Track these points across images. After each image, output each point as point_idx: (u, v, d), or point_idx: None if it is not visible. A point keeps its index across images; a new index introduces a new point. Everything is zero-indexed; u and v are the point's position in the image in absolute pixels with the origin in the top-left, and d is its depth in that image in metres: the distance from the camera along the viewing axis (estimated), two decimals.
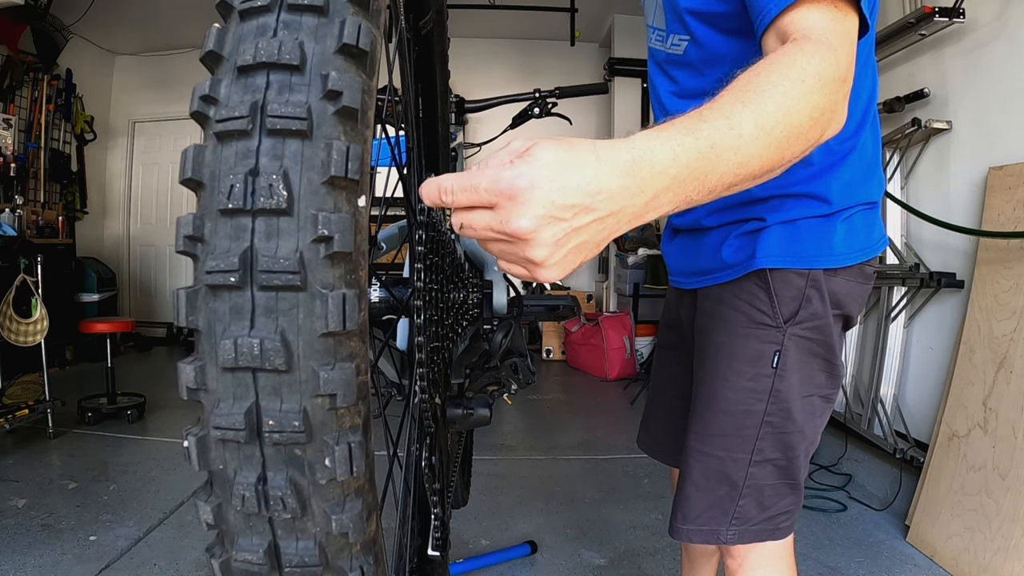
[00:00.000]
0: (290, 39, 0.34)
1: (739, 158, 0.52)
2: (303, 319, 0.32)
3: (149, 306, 6.23)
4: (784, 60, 0.58)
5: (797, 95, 0.56)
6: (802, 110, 0.56)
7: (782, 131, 0.55)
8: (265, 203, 0.32)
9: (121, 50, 6.00)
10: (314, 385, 0.33)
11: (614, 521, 2.33)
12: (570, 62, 5.76)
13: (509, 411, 3.88)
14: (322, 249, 0.33)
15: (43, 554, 1.95)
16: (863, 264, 0.90)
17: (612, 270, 5.67)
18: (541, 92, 1.69)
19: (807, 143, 0.58)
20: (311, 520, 0.34)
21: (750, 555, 0.95)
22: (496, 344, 0.72)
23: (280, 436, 0.32)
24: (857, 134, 0.87)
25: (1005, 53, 2.17)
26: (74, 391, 3.66)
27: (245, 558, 0.34)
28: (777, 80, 0.56)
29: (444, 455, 0.69)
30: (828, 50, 0.60)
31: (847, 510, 2.44)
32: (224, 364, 0.32)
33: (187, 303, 0.35)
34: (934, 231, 2.41)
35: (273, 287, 0.32)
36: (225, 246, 0.32)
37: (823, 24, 0.63)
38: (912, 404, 2.55)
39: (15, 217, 4.24)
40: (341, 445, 0.33)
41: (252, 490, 0.32)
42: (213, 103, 0.34)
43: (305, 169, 0.33)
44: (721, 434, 0.91)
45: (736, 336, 0.90)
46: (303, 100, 0.33)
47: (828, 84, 0.58)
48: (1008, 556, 1.76)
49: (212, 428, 0.33)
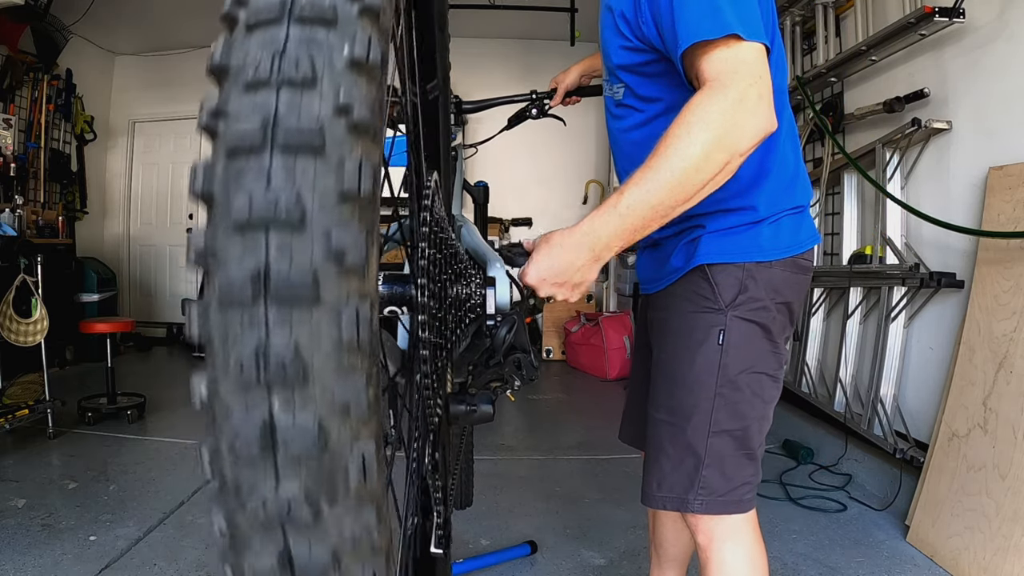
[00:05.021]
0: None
1: (653, 212, 0.81)
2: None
3: (149, 306, 6.23)
4: (674, 130, 0.81)
5: (684, 154, 0.79)
6: (690, 162, 0.79)
7: (679, 182, 0.80)
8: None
9: (121, 50, 6.00)
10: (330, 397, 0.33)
11: (614, 521, 2.33)
12: (570, 62, 5.72)
13: (509, 411, 3.88)
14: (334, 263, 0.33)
15: (43, 554, 1.95)
16: (797, 257, 1.07)
17: (612, 270, 5.67)
18: (538, 93, 1.69)
19: (710, 173, 0.80)
20: (324, 528, 0.34)
21: (717, 528, 1.07)
22: (500, 340, 0.72)
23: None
24: (771, 150, 1.03)
25: (1005, 53, 2.17)
26: (74, 391, 3.66)
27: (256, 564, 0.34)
28: (668, 151, 0.80)
29: (447, 451, 0.69)
30: (716, 91, 0.81)
31: (847, 510, 2.44)
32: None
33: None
34: (934, 231, 2.41)
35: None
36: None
37: (716, 66, 0.83)
38: (912, 404, 2.55)
39: (15, 217, 4.23)
40: (356, 455, 0.34)
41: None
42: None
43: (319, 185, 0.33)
44: (681, 406, 1.06)
45: (686, 319, 1.07)
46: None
47: (714, 125, 0.79)
48: (1008, 556, 1.76)
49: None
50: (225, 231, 0.34)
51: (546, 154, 5.97)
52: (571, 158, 6.11)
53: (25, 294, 3.10)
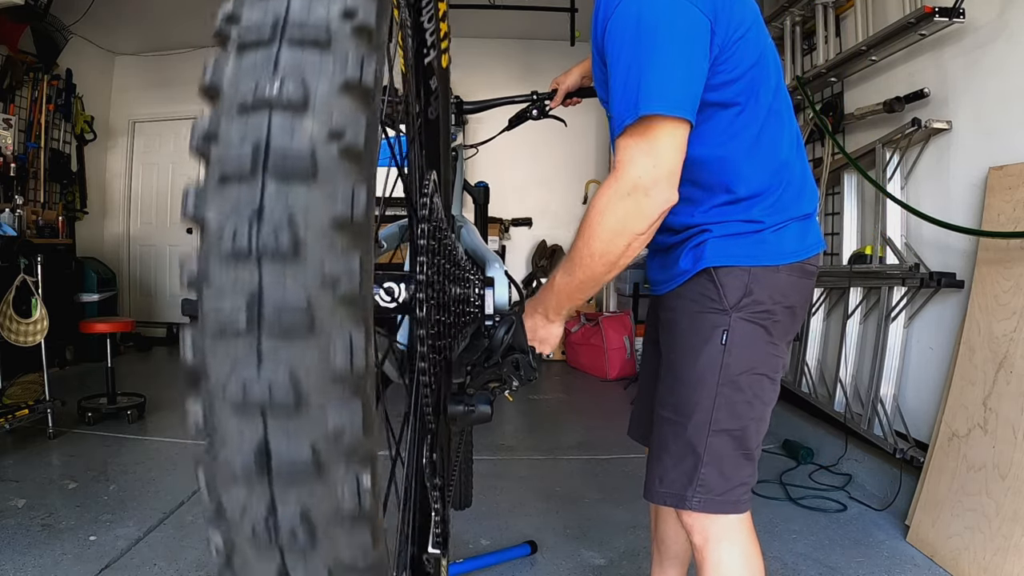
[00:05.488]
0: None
1: (580, 285, 0.99)
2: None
3: (149, 306, 6.23)
4: (586, 216, 0.95)
5: (592, 242, 0.94)
6: (596, 247, 0.94)
7: (590, 265, 0.96)
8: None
9: (121, 50, 5.99)
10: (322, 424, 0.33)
11: (614, 521, 2.33)
12: (570, 62, 5.68)
13: (509, 411, 3.88)
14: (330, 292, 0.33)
15: (43, 554, 1.95)
16: (803, 262, 1.09)
17: None
18: (539, 94, 1.69)
19: (616, 255, 0.94)
20: (319, 548, 0.35)
21: (712, 529, 1.09)
22: (498, 340, 0.72)
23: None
24: (780, 171, 1.08)
25: (1005, 53, 2.17)
26: (74, 391, 3.65)
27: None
28: (582, 238, 0.96)
29: (445, 452, 0.69)
30: (615, 180, 0.92)
31: (847, 510, 2.44)
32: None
33: None
34: (934, 231, 2.41)
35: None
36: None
37: (619, 154, 0.94)
38: (912, 404, 2.55)
39: (15, 217, 4.23)
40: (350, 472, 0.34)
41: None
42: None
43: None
44: (683, 404, 1.09)
45: (692, 319, 1.10)
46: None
47: (613, 214, 0.92)
48: (1008, 556, 1.76)
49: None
50: (216, 258, 0.33)
51: (546, 154, 5.97)
52: (571, 158, 6.11)
53: (25, 294, 3.10)
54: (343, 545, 0.34)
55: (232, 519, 0.34)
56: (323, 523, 0.34)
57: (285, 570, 0.34)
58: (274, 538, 0.33)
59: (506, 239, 6.10)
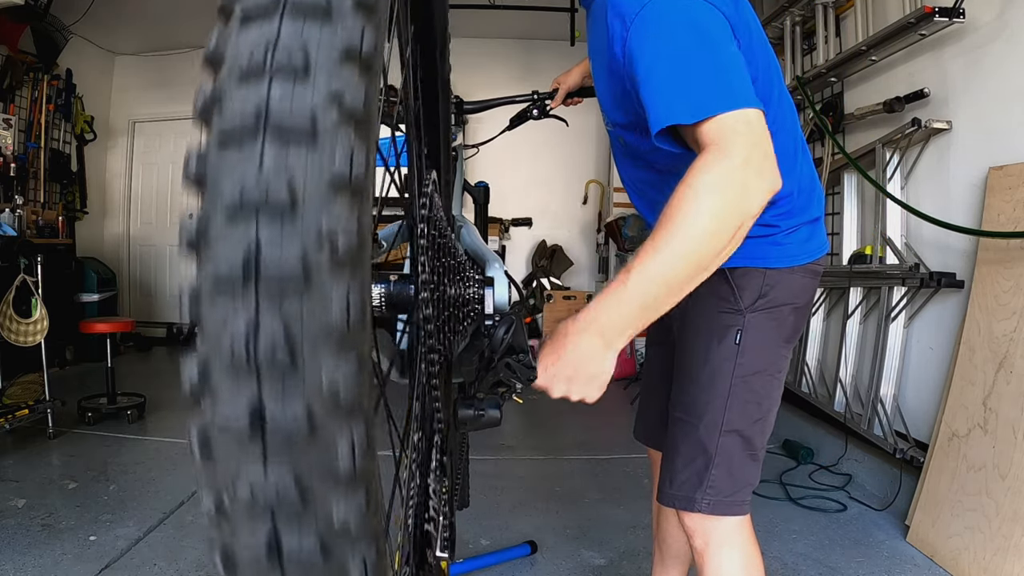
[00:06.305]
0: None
1: (668, 288, 0.77)
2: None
3: (149, 306, 6.23)
4: (680, 198, 0.76)
5: (695, 222, 0.75)
6: (703, 229, 0.75)
7: (693, 252, 0.76)
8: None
9: (121, 50, 5.99)
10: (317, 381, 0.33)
11: (614, 521, 2.33)
12: (570, 62, 5.68)
13: (509, 411, 3.87)
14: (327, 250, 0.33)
15: (43, 554, 1.95)
16: (812, 264, 1.11)
17: (612, 270, 5.67)
18: (540, 94, 1.69)
19: (725, 240, 0.77)
20: (312, 512, 0.35)
21: (714, 532, 1.08)
22: (497, 340, 0.72)
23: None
24: (788, 175, 1.01)
25: (1005, 53, 2.17)
26: (74, 391, 3.65)
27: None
28: (677, 220, 0.75)
29: (453, 455, 0.69)
30: (721, 154, 0.77)
31: (847, 510, 2.44)
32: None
33: None
34: (934, 231, 2.41)
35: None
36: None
37: (716, 135, 0.79)
38: (912, 404, 2.55)
39: (15, 217, 4.23)
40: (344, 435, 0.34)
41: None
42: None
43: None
44: (694, 403, 1.09)
45: (705, 319, 1.10)
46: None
47: (723, 190, 0.76)
48: (1008, 556, 1.76)
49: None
50: (216, 216, 0.34)
51: (547, 154, 5.97)
52: (571, 158, 6.11)
53: (25, 294, 3.10)
54: (336, 510, 0.34)
55: (223, 477, 0.34)
56: (317, 485, 0.34)
57: (276, 536, 0.34)
58: (265, 502, 0.34)
59: (506, 239, 6.10)
